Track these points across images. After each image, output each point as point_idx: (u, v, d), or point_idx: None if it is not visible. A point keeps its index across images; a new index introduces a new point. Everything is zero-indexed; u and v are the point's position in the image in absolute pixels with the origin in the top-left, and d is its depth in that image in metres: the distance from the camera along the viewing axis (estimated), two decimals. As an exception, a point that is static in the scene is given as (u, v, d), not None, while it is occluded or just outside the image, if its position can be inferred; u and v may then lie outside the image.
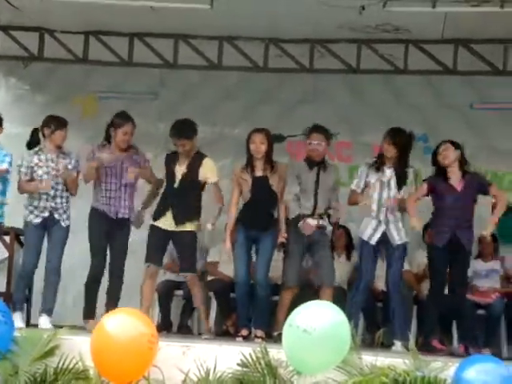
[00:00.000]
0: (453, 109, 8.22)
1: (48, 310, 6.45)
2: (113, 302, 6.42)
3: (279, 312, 6.45)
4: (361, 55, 7.86)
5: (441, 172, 6.47)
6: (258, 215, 6.49)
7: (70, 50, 8.14)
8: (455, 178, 6.44)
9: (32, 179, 6.52)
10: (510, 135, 8.12)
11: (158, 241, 6.54)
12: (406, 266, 7.34)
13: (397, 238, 6.49)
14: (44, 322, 6.38)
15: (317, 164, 6.57)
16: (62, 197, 6.56)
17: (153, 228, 6.57)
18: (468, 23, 7.09)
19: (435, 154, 6.52)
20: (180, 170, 6.55)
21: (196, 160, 6.57)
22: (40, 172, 6.53)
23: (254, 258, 6.67)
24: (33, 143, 6.70)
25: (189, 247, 6.53)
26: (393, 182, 6.51)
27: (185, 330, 7.66)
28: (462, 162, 6.48)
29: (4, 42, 8.11)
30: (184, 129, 6.54)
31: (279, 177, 6.54)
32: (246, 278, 6.50)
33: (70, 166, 6.59)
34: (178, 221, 6.48)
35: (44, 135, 6.62)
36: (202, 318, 6.75)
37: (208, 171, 6.58)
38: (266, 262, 6.48)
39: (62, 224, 6.55)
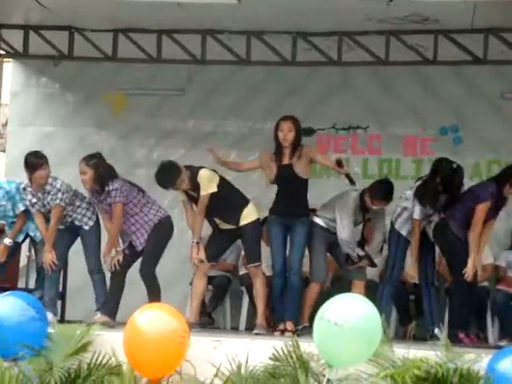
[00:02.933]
0: (483, 99, 8.09)
1: (100, 308, 6.51)
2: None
3: (305, 305, 6.40)
4: (389, 47, 7.79)
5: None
6: (288, 204, 6.44)
7: (99, 49, 8.19)
8: None
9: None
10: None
11: (220, 239, 6.55)
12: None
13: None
14: (97, 319, 6.40)
15: None
16: (72, 205, 6.60)
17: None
18: (498, 12, 6.99)
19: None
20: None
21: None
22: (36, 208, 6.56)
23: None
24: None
25: (251, 239, 6.49)
26: None
27: (206, 319, 7.44)
28: None
29: (35, 42, 8.19)
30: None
31: (308, 159, 6.44)
32: (283, 269, 6.43)
33: (57, 201, 6.49)
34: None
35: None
36: (260, 311, 6.48)
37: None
38: (299, 250, 6.42)
39: (86, 227, 6.66)
